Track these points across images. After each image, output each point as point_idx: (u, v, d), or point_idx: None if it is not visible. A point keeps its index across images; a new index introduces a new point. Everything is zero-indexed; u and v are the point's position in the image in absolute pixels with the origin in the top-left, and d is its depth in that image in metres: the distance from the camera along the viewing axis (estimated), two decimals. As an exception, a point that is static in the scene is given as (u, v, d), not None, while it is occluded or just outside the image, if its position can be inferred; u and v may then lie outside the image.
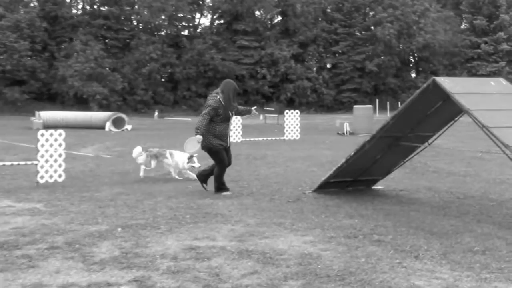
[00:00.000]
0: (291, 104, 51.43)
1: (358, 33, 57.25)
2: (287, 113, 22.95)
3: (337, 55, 57.27)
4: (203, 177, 10.56)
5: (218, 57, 51.19)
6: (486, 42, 57.38)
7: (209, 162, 10.88)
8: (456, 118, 9.66)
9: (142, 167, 12.16)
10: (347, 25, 56.33)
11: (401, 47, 56.80)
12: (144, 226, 7.60)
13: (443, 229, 7.62)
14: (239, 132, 21.23)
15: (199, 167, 11.40)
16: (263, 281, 5.44)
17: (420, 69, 59.77)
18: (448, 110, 9.27)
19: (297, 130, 22.53)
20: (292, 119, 22.52)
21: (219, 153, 10.08)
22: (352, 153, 9.71)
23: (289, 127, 22.48)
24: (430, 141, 10.07)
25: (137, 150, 12.29)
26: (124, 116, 30.27)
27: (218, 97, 10.03)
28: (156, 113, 45.28)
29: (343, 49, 56.03)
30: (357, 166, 10.13)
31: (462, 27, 61.21)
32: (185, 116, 45.72)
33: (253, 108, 11.01)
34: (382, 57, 55.51)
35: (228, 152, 10.24)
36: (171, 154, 11.94)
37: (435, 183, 11.51)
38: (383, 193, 10.41)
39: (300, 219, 8.09)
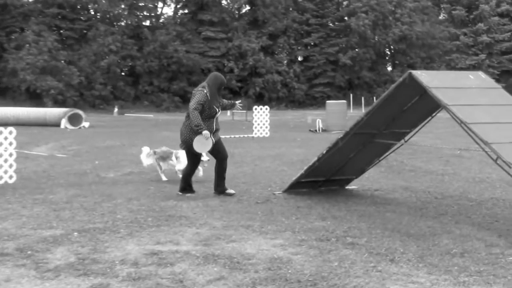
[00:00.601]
0: (260, 99, 51.52)
1: (331, 24, 57.55)
2: (255, 109, 22.99)
3: (309, 47, 57.48)
4: (185, 184, 10.32)
5: (182, 49, 51.03)
6: (465, 34, 58.16)
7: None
8: (434, 114, 9.77)
9: (162, 174, 11.91)
10: (320, 16, 56.58)
11: (376, 39, 57.23)
12: (103, 230, 7.56)
13: (420, 230, 7.72)
14: (204, 129, 21.20)
15: (208, 160, 11.07)
16: (230, 287, 5.46)
17: (397, 62, 60.33)
18: (425, 105, 9.38)
19: (266, 127, 22.59)
20: (261, 116, 22.56)
21: (195, 155, 10.06)
22: (325, 151, 9.77)
23: (258, 124, 22.52)
24: (406, 138, 10.18)
25: (145, 151, 12.08)
26: (81, 112, 30.01)
27: (205, 91, 9.85)
28: (116, 109, 44.98)
29: (315, 41, 56.28)
30: (329, 165, 10.20)
31: (440, 17, 61.92)
32: (147, 112, 45.51)
33: (237, 102, 10.98)
34: (357, 50, 55.88)
35: (219, 145, 10.15)
36: (177, 158, 11.70)
37: (412, 183, 11.64)
38: (357, 193, 10.50)
39: (269, 221, 8.12)
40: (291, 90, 54.33)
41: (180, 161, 11.55)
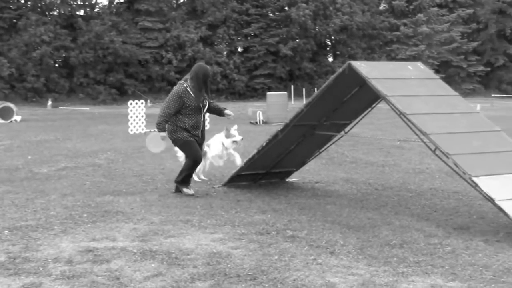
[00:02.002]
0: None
1: (271, 14, 57.62)
2: (195, 101, 22.89)
3: (249, 38, 57.46)
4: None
5: (118, 40, 50.34)
6: (405, 25, 59.09)
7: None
8: (374, 105, 9.93)
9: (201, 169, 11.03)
10: (259, 6, 56.61)
11: (317, 29, 57.58)
12: (35, 228, 7.44)
13: (360, 222, 7.85)
14: (142, 122, 21.03)
15: (242, 139, 10.69)
16: (168, 283, 5.45)
17: (338, 53, 60.86)
18: (365, 96, 9.52)
19: (206, 120, 22.51)
20: (201, 108, 22.48)
21: (190, 145, 9.59)
22: (264, 144, 9.82)
23: (198, 116, 22.43)
24: (346, 129, 10.31)
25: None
26: (12, 105, 29.34)
27: (185, 85, 9.45)
28: (49, 102, 44.13)
29: (255, 31, 56.29)
30: (269, 158, 10.26)
31: (380, 8, 62.74)
32: (83, 105, 44.82)
33: (229, 112, 9.99)
34: (297, 40, 56.13)
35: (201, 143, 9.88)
36: (208, 146, 10.93)
37: (353, 174, 11.81)
38: (298, 186, 10.60)
39: (208, 216, 8.13)
40: (231, 82, 54.26)
41: (212, 148, 10.91)
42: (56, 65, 52.09)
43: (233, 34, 56.38)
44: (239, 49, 58.09)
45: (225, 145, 10.70)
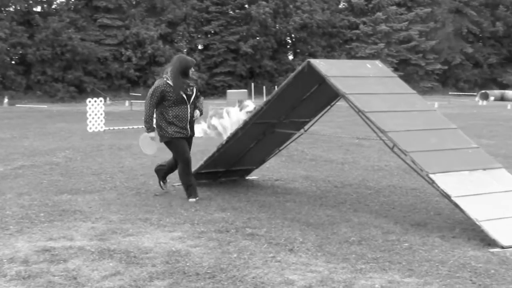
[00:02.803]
0: (160, 89, 51.05)
1: (231, 12, 57.60)
2: (154, 99, 22.76)
3: (209, 35, 57.36)
4: (161, 172, 9.67)
5: (77, 37, 49.78)
6: (364, 23, 59.62)
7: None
8: (333, 103, 10.00)
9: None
10: (220, 3, 56.54)
11: (277, 27, 57.76)
12: (-10, 228, 7.32)
13: (320, 219, 7.90)
14: (101, 121, 20.85)
15: (255, 107, 9.98)
16: (126, 282, 5.41)
17: (298, 50, 61.11)
18: (324, 94, 9.58)
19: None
20: (161, 106, 22.37)
21: (177, 144, 9.06)
22: (224, 142, 9.82)
23: (157, 114, 22.31)
24: (306, 127, 10.36)
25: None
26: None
27: (164, 78, 9.02)
28: (6, 100, 43.46)
29: (215, 29, 56.22)
30: (229, 156, 10.26)
31: (340, 6, 63.18)
32: (40, 103, 44.22)
33: (196, 113, 9.33)
34: (258, 38, 56.22)
35: (189, 142, 9.26)
36: (228, 113, 10.68)
37: (313, 172, 11.87)
38: (258, 184, 10.61)
39: (168, 214, 8.10)
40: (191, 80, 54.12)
41: (231, 116, 10.70)
42: (13, 62, 51.30)
43: (193, 32, 56.23)
44: (199, 47, 57.95)
45: (240, 118, 10.27)
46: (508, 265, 6.10)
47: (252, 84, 48.81)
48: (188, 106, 9.06)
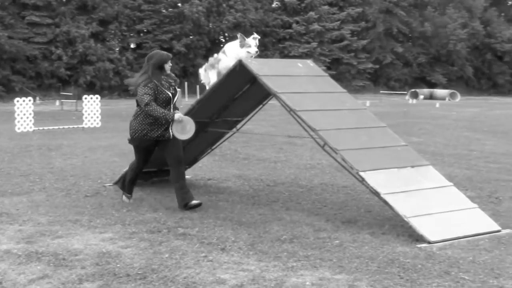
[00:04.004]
0: (91, 88, 50.24)
1: (164, 11, 57.17)
2: (86, 98, 22.45)
3: (141, 34, 56.82)
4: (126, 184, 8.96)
5: (4, 34, 48.58)
6: (297, 22, 60.07)
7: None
8: (265, 102, 10.04)
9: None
10: (152, 2, 56.06)
11: (210, 26, 57.68)
12: None
13: (252, 218, 7.93)
14: (30, 120, 20.40)
15: (257, 52, 9.26)
16: (55, 285, 5.32)
17: (231, 50, 61.14)
18: (256, 93, 9.61)
19: (97, 117, 22.11)
20: (92, 105, 22.06)
21: (143, 151, 8.67)
22: (156, 141, 9.73)
23: (89, 114, 22.00)
24: (238, 126, 10.38)
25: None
26: None
27: (147, 77, 8.42)
28: None
29: (148, 27, 55.72)
30: (161, 155, 10.17)
31: (273, 5, 63.50)
32: (-33, 103, 43.01)
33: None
34: (191, 37, 56.02)
35: (175, 143, 8.62)
36: (224, 52, 9.56)
37: (245, 171, 11.91)
38: (190, 183, 10.54)
39: (99, 215, 8.00)
40: (123, 79, 53.47)
41: (227, 52, 9.40)
42: None
43: (126, 30, 55.61)
44: (132, 46, 57.38)
45: (239, 55, 9.13)
46: (435, 259, 6.26)
47: (186, 83, 48.60)
48: (171, 107, 8.57)
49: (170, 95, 8.54)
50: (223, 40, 61.86)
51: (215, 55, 9.88)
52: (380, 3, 62.97)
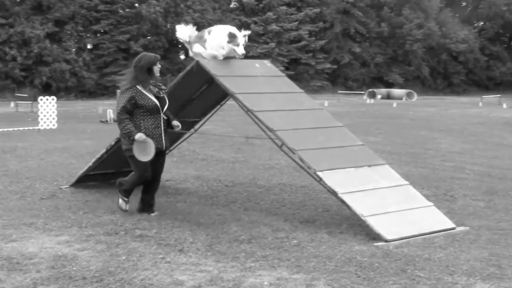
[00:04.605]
0: (47, 89, 49.62)
1: (121, 11, 56.75)
2: (41, 99, 22.18)
3: (98, 34, 56.31)
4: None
5: (-44, 35, 47.85)
6: (255, 23, 60.16)
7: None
8: (223, 102, 10.03)
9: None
10: (109, 2, 55.61)
11: (168, 27, 57.43)
12: None
13: (210, 219, 7.92)
14: (-16, 122, 20.07)
15: (243, 54, 8.75)
16: (9, 290, 5.25)
17: (190, 50, 61.00)
18: (214, 93, 9.60)
19: (53, 119, 21.87)
20: (48, 107, 21.81)
21: (139, 161, 7.97)
22: (113, 142, 9.65)
23: (45, 116, 21.75)
24: (196, 127, 10.34)
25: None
26: None
27: (132, 82, 7.98)
28: None
29: (105, 28, 55.23)
30: (119, 157, 10.08)
31: (231, 6, 63.53)
32: None
33: (176, 123, 8.36)
34: (149, 37, 55.73)
35: (160, 158, 8.16)
36: (209, 32, 8.85)
37: (204, 172, 11.88)
38: (148, 185, 10.50)
39: (54, 218, 7.90)
40: (80, 80, 52.91)
41: (212, 35, 8.77)
42: None
43: (82, 31, 55.06)
44: (89, 46, 56.82)
45: (224, 47, 8.70)
46: (391, 258, 6.34)
47: (144, 84, 48.31)
48: (162, 115, 8.03)
49: (157, 102, 7.92)
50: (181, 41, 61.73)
51: (205, 31, 9.18)
52: (338, 3, 63.46)
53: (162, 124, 8.04)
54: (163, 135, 8.07)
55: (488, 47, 70.87)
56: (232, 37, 8.60)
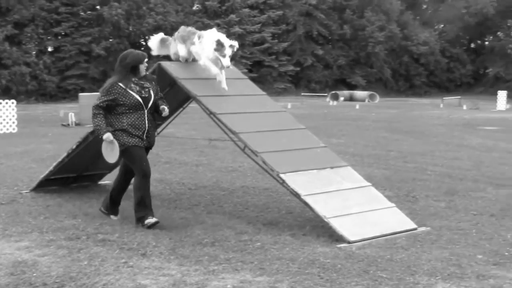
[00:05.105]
0: (7, 93, 48.97)
1: (82, 13, 56.28)
2: (1, 103, 21.88)
3: (59, 37, 55.71)
4: (109, 201, 8.16)
5: None
6: (218, 25, 60.07)
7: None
8: (185, 105, 10.00)
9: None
10: (70, 4, 55.07)
11: (131, 29, 57.13)
12: None
13: (173, 222, 7.89)
14: None
15: (228, 66, 8.48)
16: (-33, 297, 5.17)
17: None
18: (176, 96, 9.55)
19: (13, 123, 21.59)
20: (8, 110, 21.53)
21: (134, 153, 7.69)
22: (74, 146, 9.58)
23: (4, 119, 21.46)
24: (159, 130, 10.29)
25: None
26: None
27: (114, 79, 7.78)
28: None
29: (66, 30, 54.68)
30: (81, 160, 10.01)
31: (194, 8, 63.42)
32: None
33: (164, 108, 8.08)
34: (111, 40, 55.34)
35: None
36: (200, 37, 8.52)
37: (167, 175, 11.83)
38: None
39: (14, 223, 7.80)
40: (41, 83, 52.30)
41: (204, 42, 8.41)
42: None
43: (42, 33, 54.41)
44: (49, 49, 56.19)
45: (209, 56, 8.44)
46: (354, 259, 6.38)
47: (106, 87, 47.94)
48: (146, 111, 7.76)
49: (140, 99, 7.69)
50: (144, 43, 61.44)
51: (189, 28, 9.06)
52: (300, 6, 63.75)
53: (147, 121, 7.77)
54: (149, 131, 7.84)
55: (449, 49, 71.85)
56: (219, 46, 8.34)
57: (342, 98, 52.29)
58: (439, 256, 6.60)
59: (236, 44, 8.49)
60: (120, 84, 7.69)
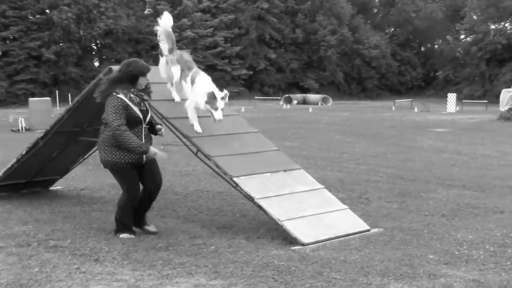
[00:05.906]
0: (-46, 98, 48.12)
1: (31, 17, 55.50)
2: None
3: (8, 41, 54.84)
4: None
5: None
6: (171, 29, 60.00)
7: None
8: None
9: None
10: (18, 7, 54.29)
11: (81, 33, 56.56)
12: None
13: (127, 227, 7.81)
14: None
15: (220, 120, 7.88)
16: None
17: (104, 57, 60.17)
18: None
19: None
20: (-45, 116, 21.10)
21: (124, 173, 7.41)
22: (24, 152, 9.45)
23: (-49, 125, 21.03)
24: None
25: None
26: None
27: (119, 94, 7.25)
28: None
29: (14, 34, 53.87)
30: (31, 166, 9.88)
31: (145, 12, 63.09)
32: None
33: (160, 127, 8.04)
34: (61, 44, 54.69)
35: (152, 167, 7.81)
36: (193, 80, 8.23)
37: (119, 180, 11.72)
38: (63, 194, 10.33)
39: (-37, 231, 7.64)
40: (-12, 88, 51.53)
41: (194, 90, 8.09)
42: None
43: (-10, 37, 53.52)
44: (-2, 53, 55.28)
45: (201, 106, 8.04)
46: (308, 261, 6.43)
47: (57, 92, 47.36)
48: (143, 126, 7.50)
49: (139, 114, 7.35)
50: (95, 48, 60.85)
51: (179, 52, 8.93)
52: (252, 10, 63.98)
53: (143, 136, 7.47)
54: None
55: (399, 52, 72.97)
56: (211, 99, 7.95)
57: (295, 102, 52.61)
58: (391, 256, 6.69)
59: (227, 93, 8.25)
60: (120, 96, 7.24)
